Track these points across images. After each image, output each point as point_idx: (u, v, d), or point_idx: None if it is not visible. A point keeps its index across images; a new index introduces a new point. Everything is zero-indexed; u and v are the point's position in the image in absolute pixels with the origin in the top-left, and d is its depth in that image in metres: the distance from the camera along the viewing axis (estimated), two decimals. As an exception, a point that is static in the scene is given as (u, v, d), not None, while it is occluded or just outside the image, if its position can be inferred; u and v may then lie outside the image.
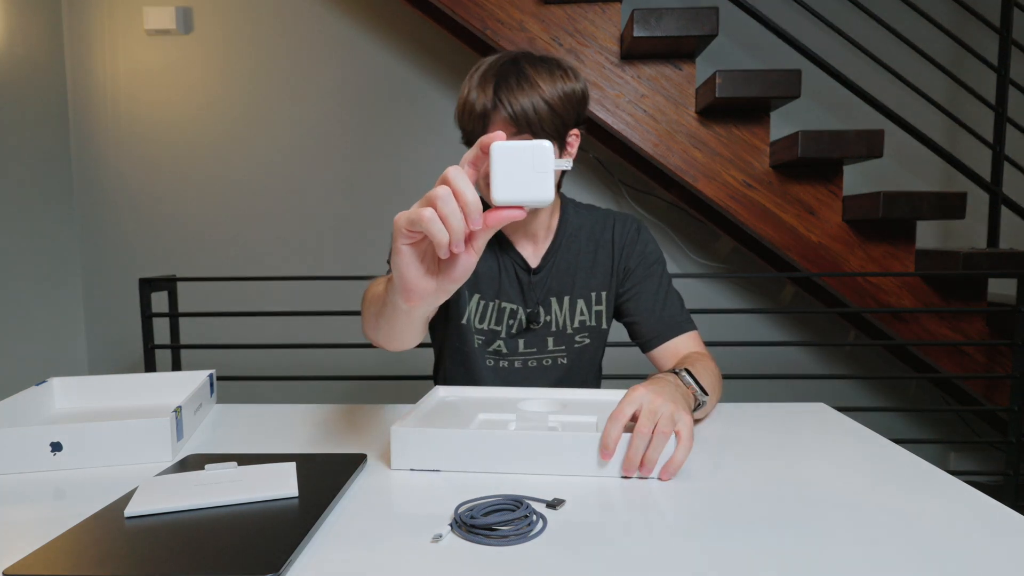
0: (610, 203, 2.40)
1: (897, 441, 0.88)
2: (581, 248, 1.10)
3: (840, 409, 1.03)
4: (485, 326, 1.09)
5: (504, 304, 1.08)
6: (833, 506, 0.65)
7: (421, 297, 0.59)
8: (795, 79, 1.81)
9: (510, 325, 1.08)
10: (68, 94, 2.38)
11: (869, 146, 1.82)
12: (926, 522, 0.61)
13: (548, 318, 1.08)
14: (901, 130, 1.94)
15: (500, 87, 0.93)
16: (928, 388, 2.39)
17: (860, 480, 0.72)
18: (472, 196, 0.54)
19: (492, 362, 1.10)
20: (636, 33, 1.78)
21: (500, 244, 1.10)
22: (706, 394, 0.88)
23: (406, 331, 0.76)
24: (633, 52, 1.89)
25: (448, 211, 0.53)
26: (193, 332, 2.36)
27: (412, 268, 0.58)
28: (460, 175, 0.54)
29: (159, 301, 1.95)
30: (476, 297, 1.09)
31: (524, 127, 0.94)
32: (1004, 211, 1.99)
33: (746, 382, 2.31)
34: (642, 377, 1.67)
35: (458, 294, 1.08)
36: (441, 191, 0.54)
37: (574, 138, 1.03)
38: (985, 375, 1.89)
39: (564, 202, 1.13)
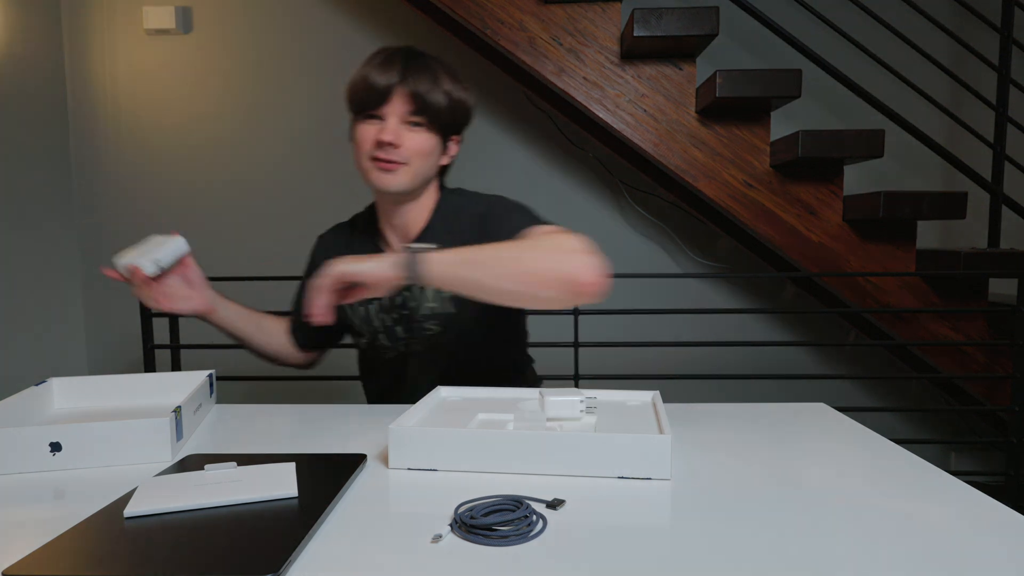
0: (610, 203, 2.40)
1: (897, 441, 0.88)
2: (446, 239, 1.05)
3: (840, 409, 1.03)
4: (368, 326, 1.13)
5: (370, 304, 1.11)
6: (833, 506, 0.65)
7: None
8: (795, 79, 1.81)
9: (382, 319, 1.11)
10: (67, 94, 2.38)
11: (869, 146, 1.82)
12: (926, 522, 0.61)
13: (414, 304, 1.09)
14: (901, 130, 1.93)
15: (409, 68, 1.00)
16: (928, 388, 2.39)
17: (860, 480, 0.72)
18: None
19: (389, 355, 1.14)
20: (636, 33, 1.77)
21: (373, 245, 1.14)
22: (415, 249, 0.85)
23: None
24: (633, 52, 1.89)
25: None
26: (193, 332, 2.36)
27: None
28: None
29: (159, 301, 1.95)
30: (349, 309, 1.13)
31: (423, 109, 1.00)
32: (1005, 211, 1.99)
33: (746, 382, 2.31)
34: (643, 377, 1.68)
35: (345, 309, 1.13)
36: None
37: (455, 143, 1.09)
38: (985, 375, 1.89)
39: (443, 195, 1.12)
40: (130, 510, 0.60)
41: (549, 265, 0.84)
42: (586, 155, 2.37)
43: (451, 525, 0.59)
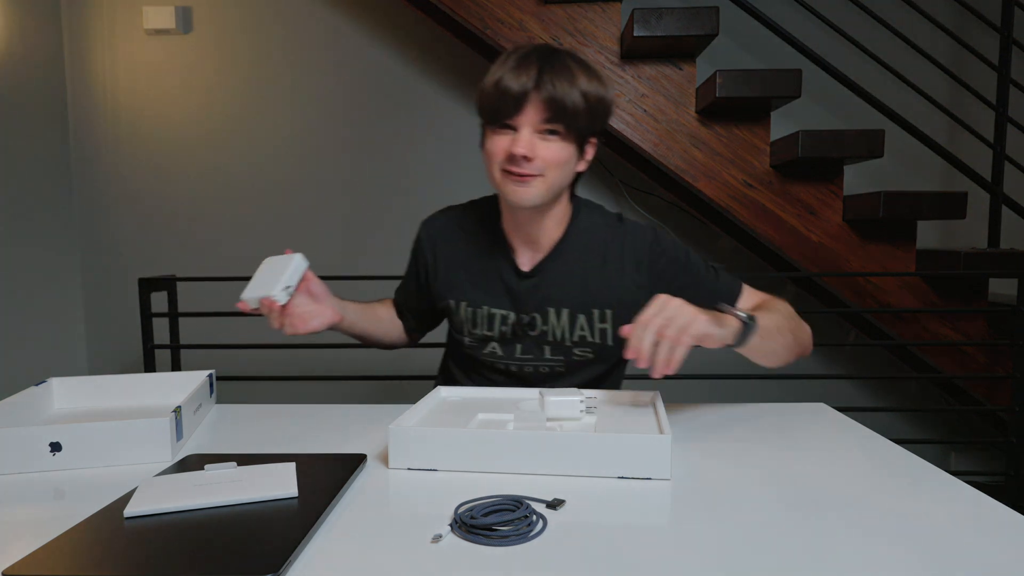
0: (610, 203, 2.40)
1: (897, 441, 0.88)
2: (588, 261, 1.04)
3: (840, 409, 1.03)
4: (478, 331, 1.08)
5: (493, 310, 1.06)
6: (833, 506, 0.65)
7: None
8: (795, 79, 1.81)
9: (503, 331, 1.06)
10: (67, 94, 2.38)
11: (869, 146, 1.82)
12: (926, 522, 0.61)
13: (545, 328, 1.05)
14: (901, 130, 1.93)
15: (544, 71, 0.92)
16: (928, 388, 2.39)
17: (860, 480, 0.72)
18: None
19: (490, 365, 1.09)
20: (636, 33, 1.77)
21: (497, 247, 1.07)
22: (751, 319, 0.88)
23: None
24: (633, 52, 1.89)
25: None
26: (193, 332, 2.36)
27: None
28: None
29: (159, 301, 1.95)
30: (463, 304, 1.08)
31: (559, 115, 0.92)
32: (1005, 211, 1.99)
33: (746, 382, 2.31)
34: (644, 377, 1.66)
35: (451, 302, 1.09)
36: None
37: (592, 146, 1.01)
38: (985, 375, 1.89)
39: (577, 209, 1.07)
40: (130, 510, 0.60)
41: (804, 338, 1.04)
42: (586, 155, 2.36)
43: (451, 525, 0.59)
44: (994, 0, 2.02)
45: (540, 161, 0.94)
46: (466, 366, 1.14)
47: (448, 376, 1.19)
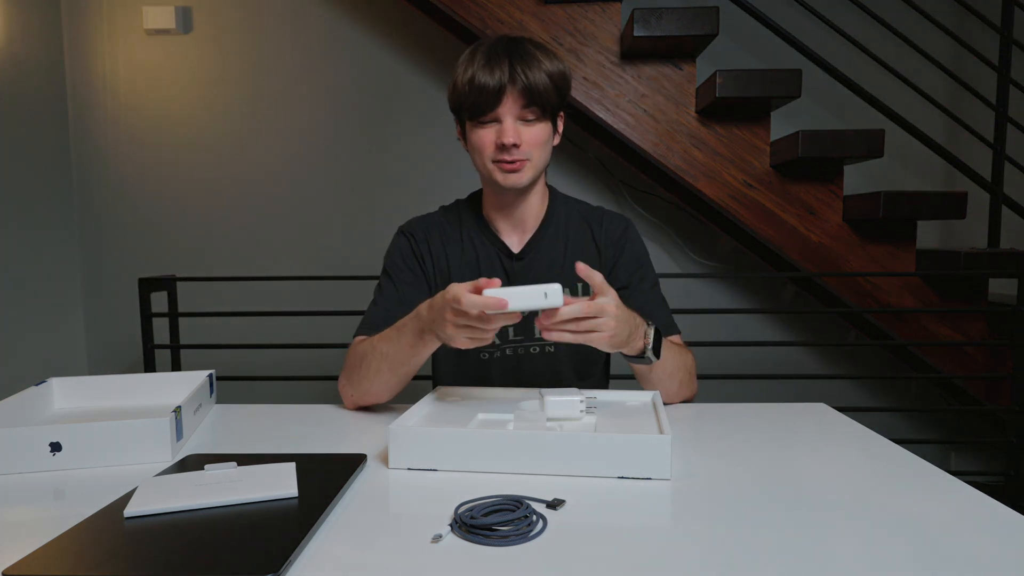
0: (610, 203, 2.40)
1: (897, 441, 0.88)
2: (569, 238, 1.11)
3: (840, 409, 1.03)
4: None
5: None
6: (833, 506, 0.65)
7: None
8: (795, 79, 1.81)
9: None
10: (68, 94, 2.38)
11: (869, 146, 1.82)
12: (926, 522, 0.61)
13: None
14: (901, 130, 1.93)
15: (515, 63, 0.98)
16: (928, 388, 2.39)
17: (860, 480, 0.72)
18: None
19: (486, 355, 1.10)
20: (636, 33, 1.77)
21: (483, 233, 1.11)
22: (654, 352, 0.95)
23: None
24: (633, 52, 1.89)
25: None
26: (193, 332, 2.36)
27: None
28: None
29: (159, 301, 1.95)
30: None
31: (534, 100, 0.99)
32: (1005, 211, 1.99)
33: (746, 382, 2.31)
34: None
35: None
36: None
37: (561, 119, 1.09)
38: (985, 375, 1.89)
39: (552, 192, 1.15)
40: (130, 510, 0.60)
41: (686, 393, 1.07)
42: (586, 155, 2.37)
43: (451, 525, 0.59)
44: (994, 0, 2.02)
45: (526, 146, 1.01)
46: (458, 366, 1.12)
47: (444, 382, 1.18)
